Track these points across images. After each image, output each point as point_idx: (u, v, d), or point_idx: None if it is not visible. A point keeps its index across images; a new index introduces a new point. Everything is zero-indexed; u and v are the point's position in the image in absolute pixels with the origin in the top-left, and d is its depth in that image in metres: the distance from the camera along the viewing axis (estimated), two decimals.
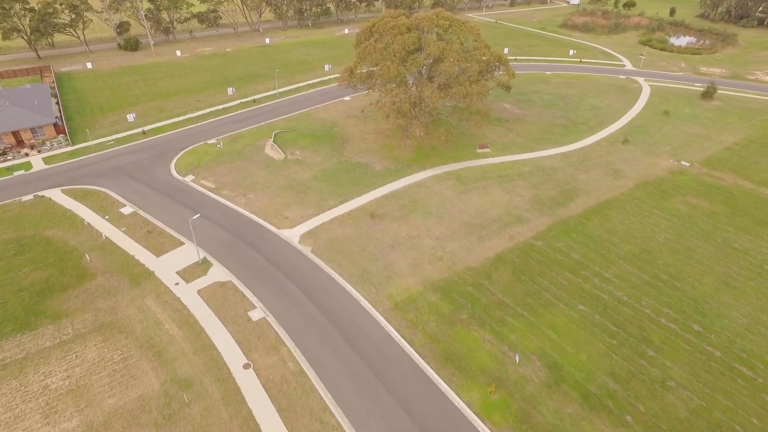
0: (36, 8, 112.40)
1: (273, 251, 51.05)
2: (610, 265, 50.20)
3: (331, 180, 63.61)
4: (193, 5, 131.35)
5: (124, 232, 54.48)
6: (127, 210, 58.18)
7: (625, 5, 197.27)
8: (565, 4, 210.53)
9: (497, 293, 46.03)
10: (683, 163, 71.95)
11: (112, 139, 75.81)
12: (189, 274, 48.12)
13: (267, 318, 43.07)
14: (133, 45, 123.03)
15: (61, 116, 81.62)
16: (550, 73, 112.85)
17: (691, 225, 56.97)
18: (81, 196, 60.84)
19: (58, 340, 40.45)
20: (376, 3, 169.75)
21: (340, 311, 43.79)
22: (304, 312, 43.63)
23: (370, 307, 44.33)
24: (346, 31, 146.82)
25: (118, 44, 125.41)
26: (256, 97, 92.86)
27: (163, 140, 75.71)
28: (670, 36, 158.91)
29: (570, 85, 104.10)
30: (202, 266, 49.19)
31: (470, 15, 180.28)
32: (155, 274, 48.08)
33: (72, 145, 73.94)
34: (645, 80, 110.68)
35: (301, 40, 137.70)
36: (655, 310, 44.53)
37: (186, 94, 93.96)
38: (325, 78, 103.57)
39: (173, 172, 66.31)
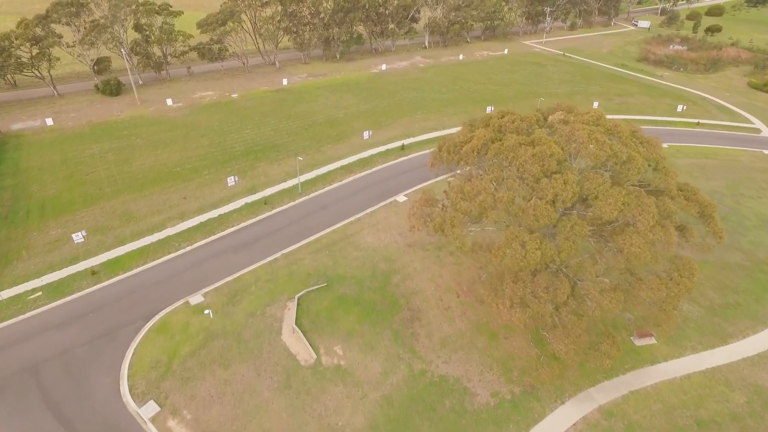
0: None
1: None
2: None
3: None
4: (192, 36, 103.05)
5: None
6: None
7: (708, 30, 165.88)
8: (632, 28, 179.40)
9: None
10: None
11: (41, 287, 47.77)
12: None
13: None
14: (113, 89, 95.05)
15: None
16: (666, 146, 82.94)
17: None
18: None
19: None
20: (415, 26, 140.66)
21: None
22: None
23: None
24: (384, 67, 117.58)
25: (96, 86, 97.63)
26: (268, 192, 64.28)
27: (121, 291, 47.58)
28: None
29: (707, 171, 74.28)
30: None
31: (528, 42, 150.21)
32: None
33: None
34: None
35: (327, 80, 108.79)
36: None
37: (169, 184, 65.70)
38: (364, 154, 74.61)
39: (124, 387, 38.06)
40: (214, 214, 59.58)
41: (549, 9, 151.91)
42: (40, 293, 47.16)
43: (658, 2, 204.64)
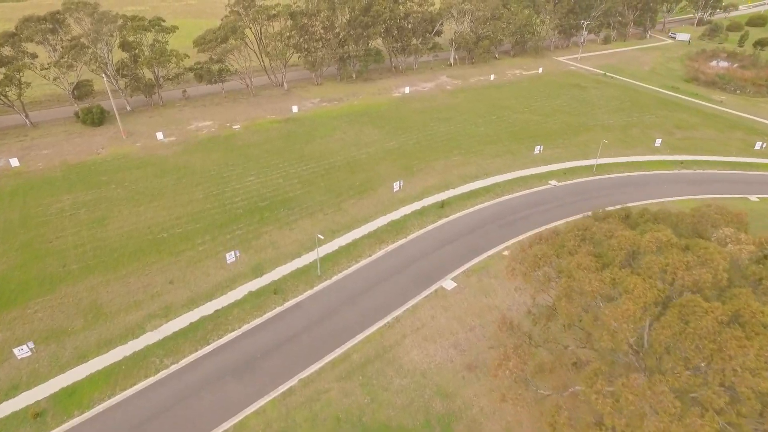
0: None
1: None
2: None
3: None
4: (187, 56, 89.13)
5: None
6: None
7: (758, 44, 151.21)
8: (669, 41, 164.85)
9: None
10: None
11: None
12: None
13: None
14: (96, 118, 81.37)
15: None
16: (756, 199, 68.97)
17: None
18: None
19: None
20: (438, 39, 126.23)
21: None
22: None
23: None
24: (407, 90, 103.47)
25: (76, 114, 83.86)
26: (277, 273, 50.08)
27: None
28: None
29: None
30: None
31: (562, 59, 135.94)
32: None
33: None
34: None
35: (343, 107, 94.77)
36: None
37: (152, 258, 51.75)
38: (395, 215, 60.52)
39: None
40: (208, 308, 45.63)
41: (585, 22, 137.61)
42: None
43: (693, 12, 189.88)
